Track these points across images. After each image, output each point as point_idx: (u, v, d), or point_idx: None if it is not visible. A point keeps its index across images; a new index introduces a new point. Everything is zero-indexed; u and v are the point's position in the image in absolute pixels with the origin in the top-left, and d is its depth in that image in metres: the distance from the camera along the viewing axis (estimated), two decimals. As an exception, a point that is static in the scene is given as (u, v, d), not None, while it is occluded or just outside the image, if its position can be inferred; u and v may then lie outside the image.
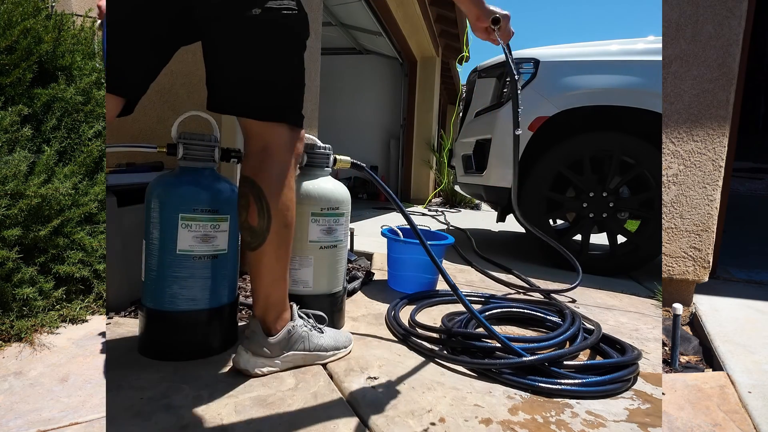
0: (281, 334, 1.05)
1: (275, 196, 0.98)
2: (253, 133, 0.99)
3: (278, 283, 1.04)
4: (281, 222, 0.99)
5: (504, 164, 2.42)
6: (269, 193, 0.98)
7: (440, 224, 4.00)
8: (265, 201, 0.97)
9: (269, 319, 1.04)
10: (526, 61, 2.40)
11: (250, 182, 0.98)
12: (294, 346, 1.07)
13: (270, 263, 1.02)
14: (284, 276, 1.05)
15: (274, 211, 0.98)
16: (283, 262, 1.04)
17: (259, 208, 0.98)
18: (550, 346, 1.20)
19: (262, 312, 1.04)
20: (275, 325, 1.05)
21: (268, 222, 0.98)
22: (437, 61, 7.00)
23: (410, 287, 1.78)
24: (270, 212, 0.98)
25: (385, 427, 0.87)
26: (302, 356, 1.09)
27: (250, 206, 0.98)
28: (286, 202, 1.00)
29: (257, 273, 1.03)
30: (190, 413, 0.87)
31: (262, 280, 1.03)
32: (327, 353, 1.13)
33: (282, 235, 1.01)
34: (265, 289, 1.03)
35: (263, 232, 0.99)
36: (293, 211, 1.03)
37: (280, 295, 1.05)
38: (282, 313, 1.06)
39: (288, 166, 1.00)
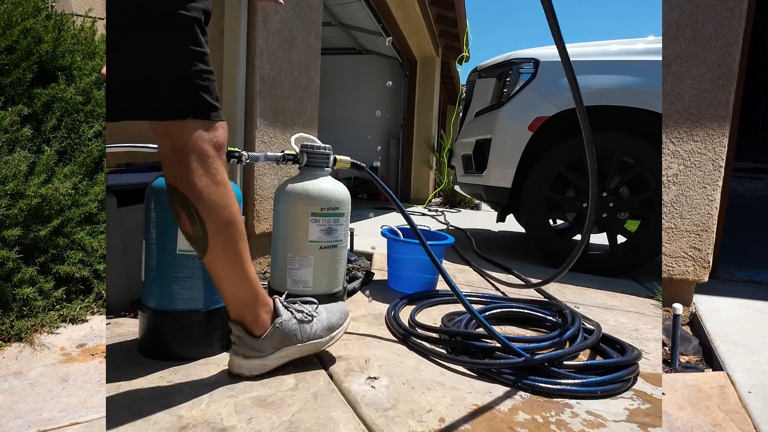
0: (268, 332, 1.01)
1: (200, 197, 0.90)
2: (160, 135, 0.89)
3: (242, 282, 0.98)
4: (218, 223, 0.92)
5: (504, 164, 2.42)
6: (193, 197, 0.89)
7: (440, 224, 4.00)
8: (192, 206, 0.90)
9: (249, 319, 1.00)
10: (526, 61, 2.40)
11: (172, 190, 0.91)
12: (285, 341, 1.04)
13: (224, 266, 0.96)
14: (246, 274, 0.98)
15: (204, 213, 0.90)
16: (238, 261, 0.96)
17: (189, 215, 0.90)
18: (550, 346, 1.20)
19: (239, 315, 1.00)
20: (258, 325, 1.01)
21: (203, 228, 0.91)
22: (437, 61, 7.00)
23: (410, 287, 1.78)
24: (200, 216, 0.90)
25: (385, 427, 0.87)
26: (297, 349, 1.06)
27: (180, 215, 0.91)
28: (217, 200, 0.91)
29: (216, 279, 0.97)
30: (190, 413, 0.87)
31: (223, 285, 0.98)
32: (323, 339, 1.10)
33: (226, 234, 0.93)
34: (231, 293, 0.98)
35: (201, 238, 0.92)
36: (231, 207, 0.94)
37: (250, 294, 1.00)
38: (262, 311, 1.02)
39: (207, 162, 0.90)
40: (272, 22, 1.90)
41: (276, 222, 1.31)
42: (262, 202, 1.93)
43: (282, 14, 1.92)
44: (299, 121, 2.18)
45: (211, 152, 0.91)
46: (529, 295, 1.83)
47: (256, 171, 1.88)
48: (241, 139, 1.82)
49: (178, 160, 0.89)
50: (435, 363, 1.17)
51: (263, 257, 2.04)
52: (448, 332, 1.26)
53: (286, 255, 1.27)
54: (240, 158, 1.21)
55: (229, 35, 1.77)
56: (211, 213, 0.91)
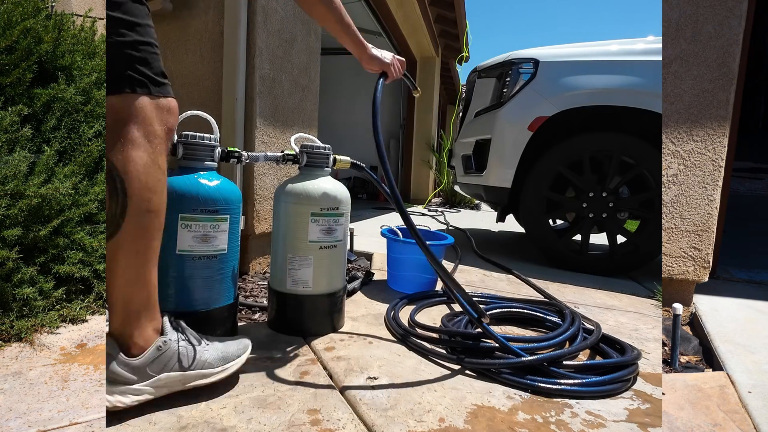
0: (149, 352, 0.85)
1: (132, 174, 0.81)
2: (108, 110, 0.83)
3: (140, 283, 0.85)
4: (140, 207, 0.82)
5: (503, 164, 2.42)
6: (124, 171, 0.81)
7: (440, 224, 4.00)
8: (119, 180, 0.81)
9: (128, 332, 0.85)
10: (525, 61, 2.40)
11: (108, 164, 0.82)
12: (168, 366, 0.88)
13: (127, 259, 0.83)
14: (148, 276, 0.86)
15: (130, 191, 0.81)
16: (143, 257, 0.85)
17: (112, 189, 0.81)
18: (550, 346, 1.20)
19: (120, 324, 0.84)
20: (138, 342, 0.85)
21: (123, 205, 0.81)
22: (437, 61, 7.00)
23: (410, 287, 1.78)
24: (126, 193, 0.81)
25: (385, 427, 0.87)
26: (179, 378, 0.89)
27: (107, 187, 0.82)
28: (150, 183, 0.83)
29: (111, 270, 0.83)
30: (189, 413, 0.87)
31: (117, 279, 0.84)
32: (213, 369, 0.94)
33: (142, 222, 0.83)
34: (122, 291, 0.84)
35: (116, 218, 0.81)
36: (160, 195, 0.85)
37: (143, 299, 0.86)
38: (149, 325, 0.87)
39: (154, 141, 0.84)
40: (272, 22, 1.90)
41: (276, 222, 1.31)
42: (262, 202, 1.93)
43: (282, 14, 1.92)
44: (299, 121, 2.18)
45: (159, 132, 0.85)
46: (529, 295, 1.83)
47: (256, 171, 1.88)
48: (241, 139, 1.82)
49: (116, 132, 0.82)
50: (435, 363, 1.17)
51: (263, 257, 2.04)
52: (448, 332, 1.26)
53: (286, 255, 1.27)
54: (240, 158, 1.21)
55: (229, 35, 1.77)
56: (138, 193, 0.82)
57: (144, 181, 0.83)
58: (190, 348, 0.92)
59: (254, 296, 1.66)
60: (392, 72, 1.34)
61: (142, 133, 0.83)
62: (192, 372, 0.91)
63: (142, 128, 0.83)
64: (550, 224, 2.44)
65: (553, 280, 2.09)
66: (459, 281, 1.99)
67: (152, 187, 0.84)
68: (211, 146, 1.14)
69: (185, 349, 0.91)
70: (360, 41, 1.23)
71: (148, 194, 0.84)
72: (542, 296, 1.78)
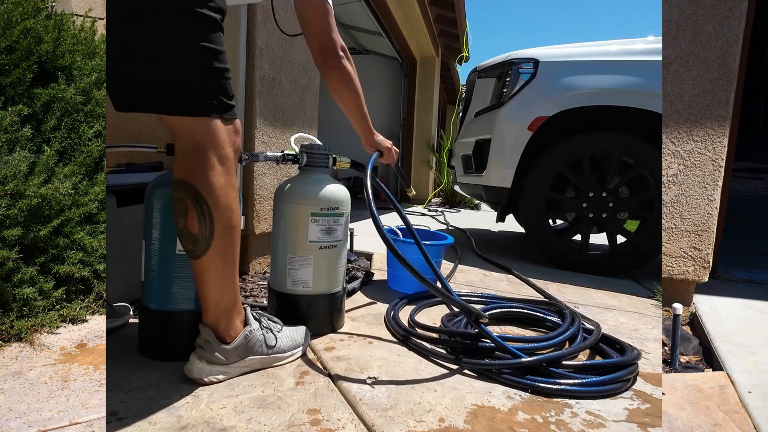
0: (238, 340, 1.00)
1: (216, 198, 0.90)
2: (180, 132, 0.89)
3: (228, 288, 0.98)
4: (225, 225, 0.92)
5: (503, 164, 2.42)
6: (209, 196, 0.89)
7: (440, 224, 4.00)
8: (205, 205, 0.89)
9: (221, 326, 0.99)
10: (525, 61, 2.40)
11: (184, 185, 0.89)
12: (251, 351, 1.03)
13: (217, 270, 0.95)
14: (234, 280, 0.99)
15: (216, 214, 0.90)
16: (230, 266, 0.97)
17: (200, 214, 0.90)
18: (550, 346, 1.20)
19: (214, 320, 0.98)
20: (229, 332, 1.00)
21: (211, 227, 0.90)
22: (437, 61, 7.00)
23: (410, 287, 1.78)
24: (212, 216, 0.90)
25: (385, 427, 0.87)
26: (260, 360, 1.05)
27: (188, 212, 0.90)
28: (229, 203, 0.92)
29: (204, 282, 0.96)
30: (189, 413, 0.87)
31: (209, 288, 0.96)
32: (285, 354, 1.11)
33: (227, 239, 0.94)
34: (215, 296, 0.97)
35: (206, 239, 0.91)
36: (237, 213, 0.95)
37: (231, 300, 0.99)
38: (236, 318, 1.01)
39: (227, 164, 0.92)
40: (272, 22, 1.90)
41: (276, 222, 1.31)
42: (262, 202, 1.93)
43: (282, 14, 1.92)
44: (299, 121, 2.18)
45: (230, 155, 0.92)
46: (529, 295, 1.83)
47: (256, 171, 1.88)
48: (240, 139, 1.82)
49: (197, 157, 0.89)
50: (434, 363, 1.17)
51: (263, 257, 2.04)
52: (448, 332, 1.26)
53: (286, 255, 1.27)
54: (240, 158, 1.21)
55: (229, 35, 1.77)
56: (222, 214, 0.91)
57: (225, 203, 0.92)
58: (271, 336, 1.07)
59: (254, 296, 1.66)
60: (389, 155, 1.45)
61: (217, 158, 0.90)
62: (269, 356, 1.07)
63: (218, 152, 0.90)
64: (550, 224, 2.44)
65: (553, 280, 2.09)
66: (459, 281, 1.99)
67: (231, 207, 0.93)
68: (211, 146, 1.13)
69: (264, 337, 1.06)
70: (371, 127, 1.37)
71: (229, 214, 0.93)
72: (542, 296, 1.78)
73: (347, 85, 1.21)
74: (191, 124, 0.88)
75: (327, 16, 1.13)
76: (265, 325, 1.08)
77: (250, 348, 1.03)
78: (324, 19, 1.13)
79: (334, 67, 1.17)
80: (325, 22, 1.13)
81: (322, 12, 1.13)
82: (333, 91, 1.23)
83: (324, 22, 1.13)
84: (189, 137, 0.89)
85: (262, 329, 1.06)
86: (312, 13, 1.13)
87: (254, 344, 1.04)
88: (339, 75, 1.19)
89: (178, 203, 0.92)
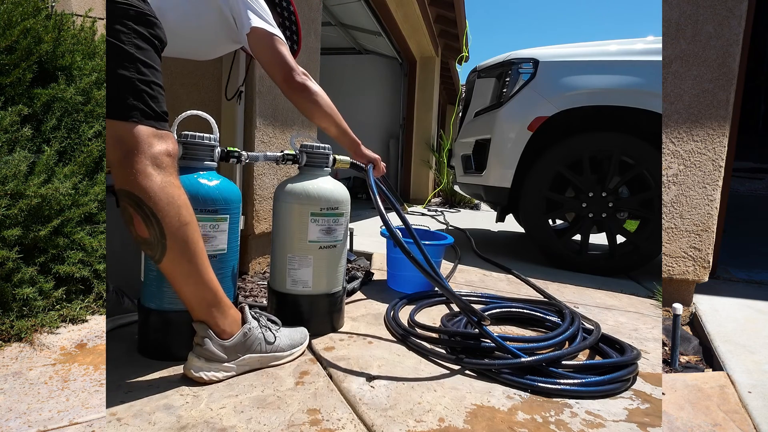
0: (236, 337, 1.01)
1: (156, 196, 0.89)
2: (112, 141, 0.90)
3: (204, 283, 0.97)
4: (174, 223, 0.91)
5: (503, 164, 2.42)
6: (147, 197, 0.88)
7: (440, 224, 4.00)
8: (146, 207, 0.89)
9: (216, 320, 0.99)
10: (525, 61, 2.40)
11: (123, 193, 0.89)
12: (250, 349, 1.04)
13: (184, 268, 0.94)
14: (207, 274, 0.97)
15: (160, 213, 0.89)
16: (197, 259, 0.95)
17: (144, 217, 0.89)
18: (550, 346, 1.20)
19: (205, 316, 0.98)
20: (228, 328, 1.01)
21: (160, 228, 0.90)
22: (437, 61, 7.00)
23: (409, 287, 1.78)
24: (157, 217, 0.89)
25: (384, 427, 0.87)
26: (258, 359, 1.06)
27: (134, 218, 0.90)
28: (172, 200, 0.91)
29: (177, 283, 0.96)
30: (190, 413, 0.87)
31: (185, 288, 0.96)
32: (284, 353, 1.11)
33: (181, 235, 0.92)
34: (194, 295, 0.97)
35: (159, 240, 0.91)
36: (187, 207, 0.93)
37: (213, 294, 0.98)
38: (229, 312, 1.02)
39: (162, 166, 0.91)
40: (272, 22, 1.89)
41: (275, 222, 1.31)
42: (262, 202, 1.93)
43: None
44: (299, 121, 2.18)
45: (165, 160, 0.92)
46: (529, 295, 1.83)
47: (256, 171, 1.88)
48: (240, 139, 1.82)
49: (130, 163, 0.88)
50: (434, 363, 1.17)
51: (263, 257, 2.04)
52: (448, 332, 1.26)
53: (286, 255, 1.27)
54: (239, 158, 1.21)
55: (229, 35, 1.77)
56: (168, 212, 0.90)
57: (166, 200, 0.90)
58: (270, 334, 1.08)
59: (254, 296, 1.66)
60: (378, 166, 1.47)
61: (154, 164, 0.90)
62: (268, 355, 1.08)
63: (154, 159, 0.90)
64: (549, 224, 2.44)
65: (553, 280, 2.09)
66: (459, 281, 1.99)
67: (176, 203, 0.91)
68: (211, 146, 1.14)
69: (265, 335, 1.07)
70: (356, 140, 1.37)
71: (177, 210, 0.91)
72: (542, 296, 1.78)
73: (318, 102, 1.23)
74: (120, 131, 0.89)
75: (276, 46, 1.18)
76: (263, 324, 1.09)
77: (248, 346, 1.04)
78: (274, 50, 1.18)
79: (299, 89, 1.21)
80: (276, 52, 1.18)
81: (270, 44, 1.18)
82: (307, 113, 1.26)
83: (275, 53, 1.18)
84: (119, 144, 0.89)
85: (261, 328, 1.07)
86: (262, 48, 1.18)
87: (253, 342, 1.04)
88: (306, 95, 1.22)
89: (123, 212, 0.92)
